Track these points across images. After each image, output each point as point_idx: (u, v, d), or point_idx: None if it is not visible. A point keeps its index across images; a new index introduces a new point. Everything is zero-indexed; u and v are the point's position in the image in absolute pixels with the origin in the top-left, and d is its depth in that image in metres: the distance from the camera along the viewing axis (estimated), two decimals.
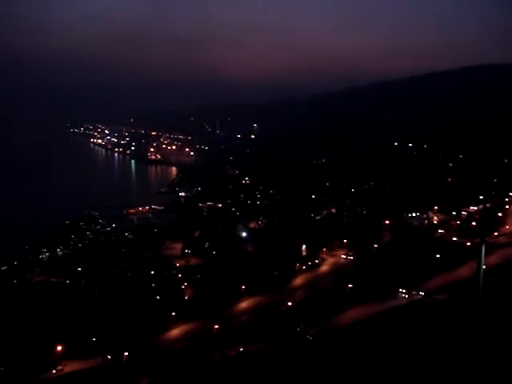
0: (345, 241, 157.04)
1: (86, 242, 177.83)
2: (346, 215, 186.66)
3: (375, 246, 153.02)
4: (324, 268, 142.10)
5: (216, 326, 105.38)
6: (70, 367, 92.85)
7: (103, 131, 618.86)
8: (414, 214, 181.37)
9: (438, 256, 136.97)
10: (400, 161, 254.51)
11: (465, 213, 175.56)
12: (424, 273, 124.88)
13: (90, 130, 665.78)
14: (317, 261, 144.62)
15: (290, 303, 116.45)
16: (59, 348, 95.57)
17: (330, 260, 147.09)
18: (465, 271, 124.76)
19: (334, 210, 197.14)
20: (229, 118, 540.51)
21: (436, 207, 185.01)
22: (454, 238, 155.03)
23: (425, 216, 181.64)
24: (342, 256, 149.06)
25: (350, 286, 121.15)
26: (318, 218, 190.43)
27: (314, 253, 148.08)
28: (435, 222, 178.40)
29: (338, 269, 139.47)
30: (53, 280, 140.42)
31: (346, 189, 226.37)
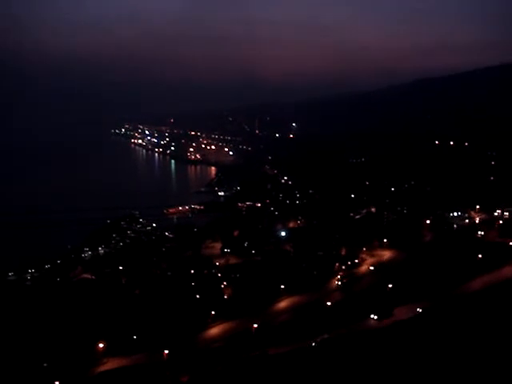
0: (385, 240, 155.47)
1: (127, 241, 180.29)
2: (385, 215, 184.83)
3: (416, 245, 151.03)
4: (364, 268, 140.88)
5: (255, 325, 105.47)
6: (112, 364, 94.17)
7: (144, 132, 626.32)
8: (455, 214, 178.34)
9: (479, 256, 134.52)
10: (441, 159, 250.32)
11: (507, 212, 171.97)
12: (466, 273, 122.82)
13: (131, 130, 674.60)
14: (356, 260, 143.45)
15: (329, 303, 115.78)
16: (101, 345, 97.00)
17: (370, 260, 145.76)
18: (508, 271, 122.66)
19: (373, 210, 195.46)
20: (267, 118, 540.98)
21: (478, 206, 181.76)
22: (496, 238, 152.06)
23: (466, 215, 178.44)
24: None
25: (390, 286, 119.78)
26: (357, 217, 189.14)
27: (353, 252, 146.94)
28: (477, 221, 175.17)
29: (378, 269, 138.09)
30: (95, 278, 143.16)
31: (386, 188, 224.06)
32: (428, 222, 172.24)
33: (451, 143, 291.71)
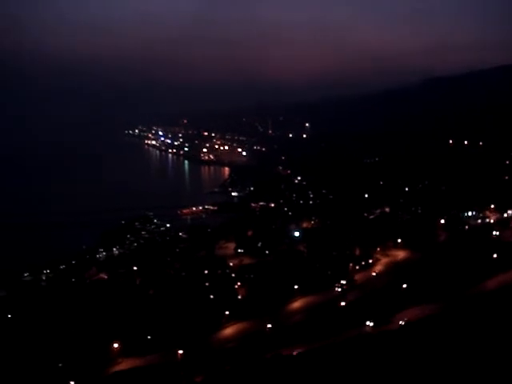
0: (399, 240, 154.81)
1: (142, 241, 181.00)
2: (399, 214, 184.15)
3: (430, 245, 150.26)
4: (378, 268, 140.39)
5: (269, 326, 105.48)
6: (126, 364, 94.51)
7: (157, 133, 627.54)
8: (469, 213, 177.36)
9: (495, 256, 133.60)
10: (455, 159, 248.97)
11: None
12: (481, 273, 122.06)
13: (145, 131, 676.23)
14: (370, 261, 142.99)
15: (343, 303, 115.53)
16: (116, 345, 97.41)
17: (384, 260, 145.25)
18: None
19: (387, 210, 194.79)
20: (280, 118, 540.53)
21: (492, 206, 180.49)
22: None
23: (481, 215, 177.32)
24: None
25: (405, 286, 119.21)
26: (371, 217, 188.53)
27: (367, 252, 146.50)
28: (492, 221, 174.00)
29: (392, 269, 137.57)
30: (109, 279, 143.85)
31: (400, 188, 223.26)
32: (442, 221, 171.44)
33: (465, 142, 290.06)
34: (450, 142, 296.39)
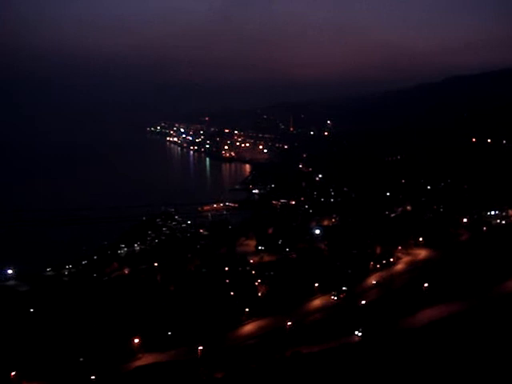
0: (420, 239, 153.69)
1: (163, 237, 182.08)
2: (421, 213, 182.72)
3: (452, 244, 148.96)
4: (399, 267, 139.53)
5: (289, 323, 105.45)
6: (146, 359, 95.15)
7: (179, 130, 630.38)
8: (492, 212, 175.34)
9: None
10: (477, 157, 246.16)
11: None
12: (503, 273, 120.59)
13: (166, 128, 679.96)
14: (392, 259, 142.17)
15: (363, 302, 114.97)
16: (137, 340, 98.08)
17: (406, 258, 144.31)
18: None
19: (409, 208, 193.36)
20: (302, 116, 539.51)
21: None
22: None
23: (504, 214, 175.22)
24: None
25: (426, 285, 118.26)
26: (392, 215, 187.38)
27: (388, 251, 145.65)
28: None
29: (413, 268, 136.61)
30: (130, 274, 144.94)
31: (422, 186, 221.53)
32: (465, 220, 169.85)
33: (488, 141, 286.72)
34: (473, 140, 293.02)
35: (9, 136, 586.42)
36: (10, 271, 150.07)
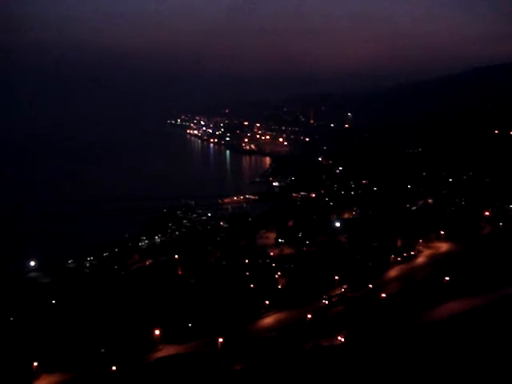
0: (442, 232, 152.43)
1: (183, 230, 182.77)
2: (443, 206, 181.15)
3: (474, 238, 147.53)
4: (420, 260, 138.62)
5: (309, 316, 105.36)
6: (167, 351, 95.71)
7: (199, 122, 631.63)
8: None
9: None
10: (500, 150, 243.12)
11: None
12: None
13: (187, 121, 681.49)
14: (412, 252, 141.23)
15: (383, 295, 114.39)
16: (157, 332, 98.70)
17: (427, 252, 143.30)
18: None
19: (430, 201, 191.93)
20: (323, 108, 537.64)
21: None
22: None
23: None
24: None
25: (447, 278, 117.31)
26: (413, 208, 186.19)
27: (409, 244, 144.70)
28: None
29: (434, 261, 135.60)
30: (151, 266, 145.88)
31: (444, 179, 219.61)
32: (487, 213, 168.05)
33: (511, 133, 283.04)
34: (495, 131, 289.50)
35: (35, 130, 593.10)
36: (32, 263, 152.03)
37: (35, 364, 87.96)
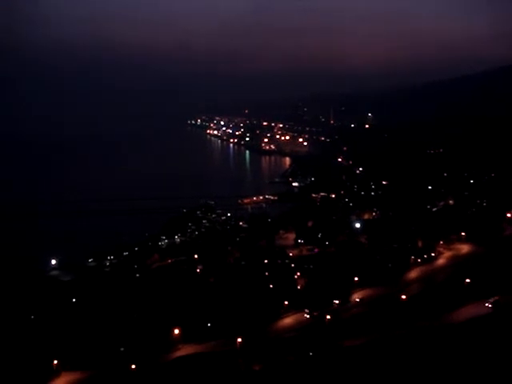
0: (463, 234, 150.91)
1: (203, 230, 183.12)
2: (464, 207, 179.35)
3: (495, 240, 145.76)
4: (440, 261, 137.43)
5: (328, 317, 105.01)
6: (186, 350, 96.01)
7: (219, 123, 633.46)
8: None
9: None
10: None
11: None
12: None
13: (207, 121, 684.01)
14: (433, 254, 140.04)
15: (403, 296, 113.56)
16: (177, 331, 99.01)
17: (447, 253, 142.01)
18: None
19: (451, 202, 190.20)
20: (343, 108, 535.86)
21: None
22: None
23: None
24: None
25: (468, 280, 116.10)
26: (434, 209, 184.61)
27: (429, 246, 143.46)
28: None
29: (455, 263, 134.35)
30: (171, 266, 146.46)
31: (465, 180, 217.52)
32: (509, 215, 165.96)
33: None
34: None
35: (59, 128, 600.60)
36: (53, 261, 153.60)
37: (55, 362, 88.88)
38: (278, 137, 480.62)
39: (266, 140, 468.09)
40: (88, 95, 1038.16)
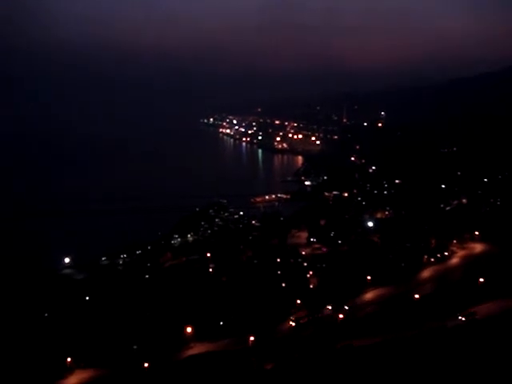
0: (477, 233, 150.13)
1: (215, 228, 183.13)
2: (478, 206, 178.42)
3: (509, 239, 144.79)
4: (454, 261, 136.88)
5: (340, 316, 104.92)
6: (198, 349, 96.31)
7: (231, 121, 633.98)
8: None
9: None
10: None
11: None
12: None
13: (219, 120, 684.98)
14: (446, 253, 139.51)
15: (416, 296, 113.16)
16: (189, 330, 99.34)
17: (461, 253, 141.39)
18: None
19: (465, 201, 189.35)
20: (355, 107, 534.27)
21: None
22: None
23: None
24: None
25: (482, 280, 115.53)
26: (447, 208, 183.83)
27: (443, 245, 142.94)
28: None
29: (468, 262, 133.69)
30: (183, 264, 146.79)
31: (479, 178, 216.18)
32: None
33: None
34: None
35: (73, 128, 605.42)
36: (66, 260, 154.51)
37: (69, 359, 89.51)
38: (290, 135, 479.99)
39: (278, 139, 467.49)
40: (100, 94, 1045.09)
